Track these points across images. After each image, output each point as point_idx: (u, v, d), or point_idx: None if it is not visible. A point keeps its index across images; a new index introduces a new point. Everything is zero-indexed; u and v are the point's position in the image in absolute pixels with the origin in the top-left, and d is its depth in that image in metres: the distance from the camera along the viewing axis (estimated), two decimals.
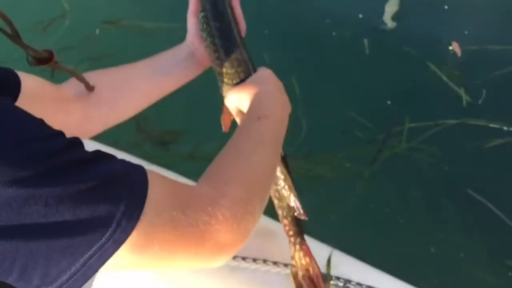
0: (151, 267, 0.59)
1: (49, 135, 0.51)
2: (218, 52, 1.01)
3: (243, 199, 0.65)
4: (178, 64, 1.04)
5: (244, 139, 0.78)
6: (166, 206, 0.56)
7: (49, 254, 0.49)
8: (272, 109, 0.85)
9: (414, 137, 1.95)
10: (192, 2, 1.04)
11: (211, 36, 1.02)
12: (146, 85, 1.03)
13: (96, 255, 0.50)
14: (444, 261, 1.74)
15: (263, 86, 0.90)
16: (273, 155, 0.80)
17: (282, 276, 0.98)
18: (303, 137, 1.90)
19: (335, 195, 1.82)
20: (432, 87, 2.14)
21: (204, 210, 0.59)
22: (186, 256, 0.59)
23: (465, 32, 2.28)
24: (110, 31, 2.05)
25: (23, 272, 0.49)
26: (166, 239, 0.55)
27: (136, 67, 1.05)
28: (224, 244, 0.61)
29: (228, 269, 0.99)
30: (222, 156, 0.74)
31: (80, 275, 0.50)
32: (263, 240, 1.05)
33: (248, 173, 0.71)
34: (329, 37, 2.23)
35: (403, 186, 1.88)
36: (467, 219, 1.82)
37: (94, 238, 0.50)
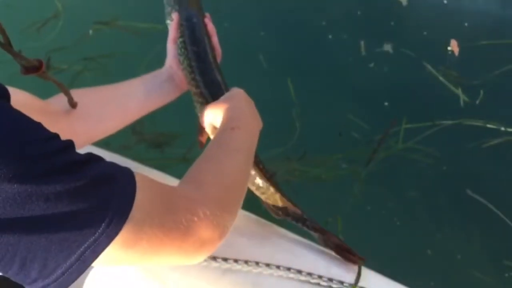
0: (140, 262, 0.64)
1: (48, 137, 0.55)
2: (194, 74, 1.12)
3: (220, 199, 0.73)
4: (158, 87, 1.16)
5: (219, 147, 0.86)
6: (153, 204, 0.61)
7: (47, 247, 0.52)
8: (244, 121, 0.94)
9: (411, 137, 1.95)
10: (172, 30, 1.18)
11: (188, 59, 1.13)
12: (129, 104, 1.13)
13: (90, 249, 0.54)
14: (441, 262, 1.74)
15: (235, 103, 0.99)
16: (246, 161, 0.89)
17: (275, 278, 0.98)
18: (298, 139, 1.90)
19: (331, 197, 1.81)
20: (429, 87, 2.14)
21: (187, 208, 0.66)
22: (171, 251, 0.65)
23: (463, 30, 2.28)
24: (104, 31, 2.05)
25: (23, 265, 0.52)
26: (153, 234, 0.60)
27: (121, 87, 1.15)
28: (204, 240, 0.67)
29: (220, 272, 0.99)
30: (200, 161, 0.82)
31: (75, 268, 0.54)
32: (255, 242, 1.05)
33: (224, 177, 0.79)
34: (325, 38, 2.23)
35: (400, 187, 1.89)
36: (465, 220, 1.82)
37: (89, 232, 0.54)
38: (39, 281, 0.54)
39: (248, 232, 1.06)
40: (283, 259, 1.00)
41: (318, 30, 2.26)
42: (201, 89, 1.12)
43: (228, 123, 0.92)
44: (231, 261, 0.98)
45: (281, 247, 1.04)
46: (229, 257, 0.99)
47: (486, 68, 2.16)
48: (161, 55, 1.97)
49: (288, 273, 0.97)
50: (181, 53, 1.15)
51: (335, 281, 0.95)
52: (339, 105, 2.04)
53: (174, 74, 1.17)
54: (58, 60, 1.89)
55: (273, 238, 1.07)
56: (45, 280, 0.54)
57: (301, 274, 0.97)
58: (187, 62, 1.13)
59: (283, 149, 1.87)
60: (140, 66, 1.97)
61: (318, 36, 2.25)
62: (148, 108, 1.18)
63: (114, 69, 1.94)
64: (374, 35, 2.25)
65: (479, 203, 1.82)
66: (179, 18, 1.19)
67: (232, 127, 0.91)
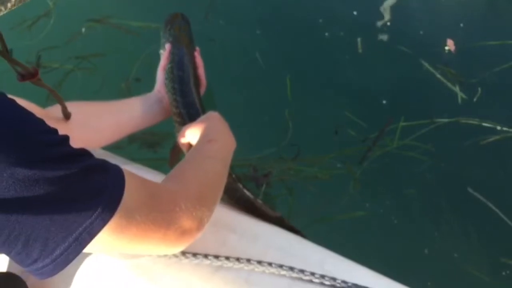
0: (128, 248, 0.71)
1: (50, 130, 0.64)
2: (176, 95, 1.29)
3: (199, 194, 0.84)
4: (148, 107, 1.34)
5: (198, 153, 1.01)
6: (140, 195, 0.70)
7: (49, 227, 0.58)
8: (220, 136, 1.09)
9: (408, 135, 1.96)
10: (163, 59, 1.38)
11: (172, 82, 1.32)
12: (123, 120, 1.30)
13: (86, 231, 0.61)
14: (438, 261, 1.75)
15: (211, 123, 1.13)
16: (222, 167, 1.01)
17: (267, 275, 0.99)
18: (291, 138, 1.91)
19: (327, 196, 1.82)
20: (427, 85, 2.15)
21: (170, 200, 0.76)
22: (156, 238, 0.73)
23: (460, 29, 2.30)
24: (96, 29, 2.06)
25: (26, 244, 0.58)
26: (142, 222, 0.69)
27: (116, 104, 1.33)
28: (185, 229, 0.77)
29: (212, 269, 0.99)
30: (181, 164, 0.95)
31: (72, 249, 0.61)
32: (247, 239, 1.05)
33: (202, 176, 0.91)
34: (321, 36, 2.25)
35: (397, 185, 1.89)
36: (462, 218, 1.83)
37: (86, 215, 0.61)
38: (39, 261, 0.60)
39: (239, 229, 1.07)
40: (275, 256, 1.00)
41: (315, 28, 2.27)
42: (180, 109, 1.29)
43: (205, 137, 1.07)
44: (223, 258, 0.99)
45: (273, 245, 1.05)
46: (220, 254, 1.00)
47: (484, 66, 2.18)
48: (154, 54, 2.00)
49: (280, 270, 0.98)
50: (167, 77, 1.34)
51: (327, 278, 0.96)
52: (336, 104, 2.05)
53: (162, 98, 1.35)
54: (50, 59, 1.90)
55: (264, 235, 1.08)
56: (44, 260, 0.60)
57: (293, 271, 0.97)
58: (171, 84, 1.32)
59: (276, 149, 1.88)
60: (133, 65, 1.99)
61: (315, 34, 2.26)
62: (139, 126, 1.34)
63: (106, 67, 1.95)
64: (371, 33, 2.27)
65: (477, 201, 1.83)
66: (170, 48, 1.38)
67: (209, 140, 1.05)
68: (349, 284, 0.95)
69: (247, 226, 1.09)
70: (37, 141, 0.59)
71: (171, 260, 1.00)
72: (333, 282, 0.96)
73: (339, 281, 0.96)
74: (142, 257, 1.01)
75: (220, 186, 0.97)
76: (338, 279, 0.96)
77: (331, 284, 0.96)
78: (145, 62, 1.99)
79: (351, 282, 0.95)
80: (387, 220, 1.84)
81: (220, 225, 1.07)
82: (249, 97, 2.03)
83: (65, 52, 1.92)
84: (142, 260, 1.01)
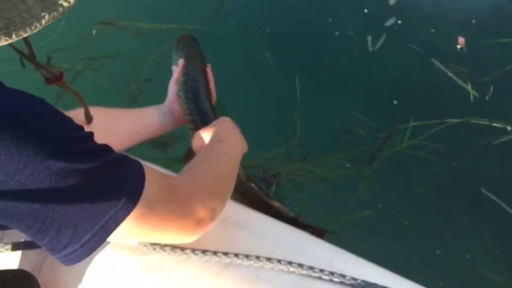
0: (148, 236, 0.78)
1: (78, 127, 0.68)
2: (189, 103, 1.42)
3: (212, 187, 0.90)
4: (162, 117, 1.44)
5: (209, 151, 1.08)
6: (159, 187, 0.75)
7: (80, 214, 0.64)
8: (230, 137, 1.16)
9: (418, 135, 1.96)
10: (176, 73, 1.51)
11: (186, 92, 1.44)
12: (138, 127, 1.40)
13: (112, 219, 0.67)
14: (450, 261, 1.75)
15: (222, 126, 1.20)
16: (232, 164, 1.08)
17: (276, 272, 0.99)
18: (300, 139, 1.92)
19: (337, 196, 1.82)
20: (438, 84, 2.15)
21: (186, 192, 0.82)
22: (174, 227, 0.79)
23: (472, 26, 2.29)
24: (107, 31, 2.08)
25: (58, 230, 0.64)
26: (162, 211, 0.74)
27: (132, 112, 1.44)
28: (200, 219, 0.82)
29: (221, 266, 1.01)
30: (194, 161, 1.01)
31: (99, 236, 0.66)
32: (256, 236, 1.06)
33: (214, 171, 0.97)
34: (331, 34, 2.25)
35: (408, 185, 1.89)
36: (474, 218, 1.82)
37: (112, 204, 0.66)
38: (69, 246, 0.66)
39: (248, 226, 1.08)
40: (284, 253, 1.01)
41: (325, 27, 2.28)
42: (194, 116, 1.41)
43: (216, 137, 1.14)
44: (232, 255, 1.00)
45: (282, 241, 1.06)
46: (230, 251, 1.01)
47: (496, 64, 2.17)
48: (163, 56, 2.02)
49: (290, 267, 0.99)
50: (181, 88, 1.46)
51: (336, 275, 0.97)
52: (345, 103, 2.05)
53: (174, 109, 1.46)
54: (61, 61, 1.93)
55: (274, 232, 1.09)
56: (74, 246, 0.66)
57: (303, 268, 0.98)
58: (185, 94, 1.44)
59: (285, 149, 1.89)
60: (143, 66, 2.01)
61: (325, 32, 2.27)
62: (153, 133, 1.44)
63: (116, 69, 1.97)
64: (381, 31, 2.27)
65: (489, 201, 1.82)
66: (184, 64, 1.51)
67: (219, 140, 1.12)
68: (359, 281, 0.96)
69: (256, 223, 1.11)
70: (69, 136, 0.65)
71: (181, 257, 1.02)
72: (342, 279, 0.96)
73: (348, 277, 0.96)
74: (153, 254, 1.03)
75: (231, 181, 1.03)
76: (347, 276, 0.97)
77: (341, 281, 0.97)
78: (155, 63, 2.02)
79: (360, 279, 0.96)
80: (397, 220, 1.84)
81: (229, 222, 1.08)
82: (258, 97, 2.04)
83: (76, 53, 1.95)
84: (153, 257, 1.03)
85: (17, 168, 0.58)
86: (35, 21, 0.61)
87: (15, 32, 0.59)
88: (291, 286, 0.98)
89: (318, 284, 0.98)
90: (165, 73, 1.99)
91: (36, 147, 0.59)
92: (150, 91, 1.97)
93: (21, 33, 0.60)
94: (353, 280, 0.96)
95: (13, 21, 0.59)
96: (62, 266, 1.08)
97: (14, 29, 0.59)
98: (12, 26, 0.59)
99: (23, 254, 1.10)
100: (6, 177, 0.58)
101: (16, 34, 0.59)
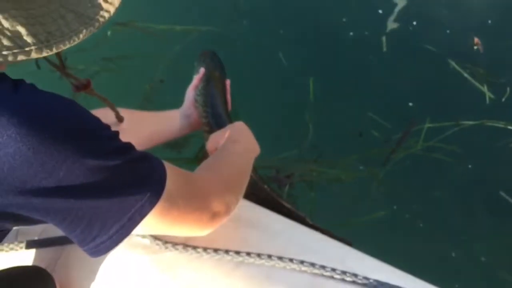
0: (169, 229, 0.81)
1: (106, 126, 0.72)
2: (206, 107, 1.49)
3: (226, 182, 0.95)
4: (178, 121, 1.50)
5: (223, 151, 1.13)
6: (179, 182, 0.79)
7: (109, 207, 0.68)
8: (243, 139, 1.21)
9: (433, 136, 1.95)
10: (196, 80, 1.56)
11: (204, 96, 1.51)
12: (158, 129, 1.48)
13: (137, 212, 0.71)
14: (466, 264, 1.74)
15: (236, 129, 1.25)
16: (245, 162, 1.13)
17: (288, 271, 1.00)
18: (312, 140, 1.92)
19: (351, 198, 1.83)
20: (454, 85, 2.14)
21: (203, 186, 0.87)
22: (192, 220, 0.83)
23: (488, 26, 2.28)
24: (122, 33, 2.10)
25: (89, 223, 0.68)
26: (182, 205, 0.79)
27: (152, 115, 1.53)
28: (215, 212, 0.87)
29: (233, 265, 1.01)
30: (209, 159, 1.08)
31: (125, 228, 0.71)
32: (268, 235, 1.07)
33: (228, 168, 1.03)
34: (345, 35, 2.25)
35: (422, 187, 1.89)
36: (490, 220, 1.81)
37: (138, 198, 0.70)
38: (98, 238, 0.70)
39: (260, 225, 1.09)
40: (296, 252, 1.01)
41: (339, 27, 2.28)
42: (209, 119, 1.48)
43: (230, 139, 1.19)
44: (244, 254, 1.00)
45: (294, 240, 1.07)
46: (241, 250, 1.01)
47: None
48: (178, 57, 2.03)
49: (301, 266, 0.99)
50: (199, 93, 1.53)
51: (348, 274, 0.97)
52: (359, 104, 2.05)
53: (191, 114, 1.51)
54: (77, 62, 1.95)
55: (285, 231, 1.10)
56: (102, 237, 0.70)
57: (315, 267, 0.98)
58: (203, 98, 1.51)
59: (298, 150, 1.89)
60: (157, 67, 2.03)
61: (339, 33, 2.27)
62: (171, 137, 1.52)
63: (131, 69, 2.00)
64: (396, 32, 2.26)
65: (506, 203, 1.81)
66: (204, 72, 1.58)
67: (233, 141, 1.18)
68: (371, 280, 0.96)
69: (268, 222, 1.11)
70: (100, 135, 0.69)
71: (193, 256, 1.02)
72: (354, 278, 0.96)
73: (360, 277, 0.96)
74: (165, 252, 1.04)
75: (244, 179, 1.07)
76: (359, 275, 0.97)
77: (353, 280, 0.97)
78: (169, 64, 2.03)
79: (372, 278, 0.96)
80: (412, 222, 1.83)
81: (241, 221, 1.09)
82: (272, 97, 2.05)
83: (91, 54, 1.97)
84: (165, 255, 1.04)
85: (55, 166, 0.62)
86: (74, 35, 0.66)
87: (55, 45, 0.64)
88: (302, 285, 0.98)
89: (330, 283, 0.98)
90: (179, 74, 2.01)
91: (73, 146, 0.63)
92: (164, 92, 1.99)
93: (61, 46, 0.64)
94: (365, 279, 0.96)
95: (53, 34, 0.64)
96: (76, 265, 1.10)
97: (55, 42, 0.64)
98: (53, 39, 0.64)
99: (37, 253, 1.12)
100: (45, 174, 0.62)
101: (56, 47, 0.64)
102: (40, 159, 0.61)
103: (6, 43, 0.60)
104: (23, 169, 0.61)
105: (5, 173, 0.61)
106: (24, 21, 0.62)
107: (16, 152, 0.60)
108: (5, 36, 0.60)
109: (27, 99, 0.64)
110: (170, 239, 1.05)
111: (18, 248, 1.09)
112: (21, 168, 0.61)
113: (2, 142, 0.60)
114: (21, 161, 0.61)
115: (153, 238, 1.04)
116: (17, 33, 0.61)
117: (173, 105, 1.76)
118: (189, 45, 2.10)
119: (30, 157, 0.61)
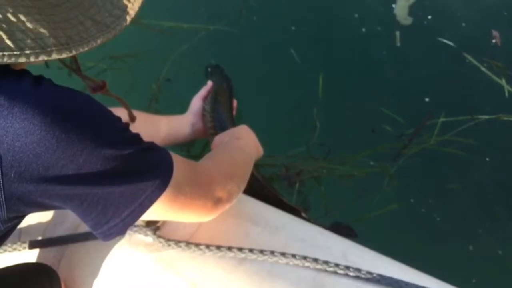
0: (175, 215, 0.88)
1: (119, 118, 0.77)
2: (213, 112, 1.64)
3: (229, 172, 1.02)
4: (183, 127, 1.65)
5: (226, 145, 1.24)
6: (185, 170, 0.86)
7: (122, 193, 0.74)
8: (246, 137, 1.31)
9: (448, 131, 1.94)
10: (204, 90, 1.74)
11: (213, 103, 1.67)
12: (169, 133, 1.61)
13: (148, 198, 0.77)
14: (483, 258, 1.73)
15: (239, 130, 1.36)
16: (247, 156, 1.21)
17: (291, 267, 1.01)
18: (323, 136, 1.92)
19: (362, 194, 1.83)
20: (470, 79, 2.12)
21: (207, 174, 0.94)
22: (197, 206, 0.90)
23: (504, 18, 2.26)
24: (129, 30, 2.11)
25: (103, 207, 0.74)
26: (188, 192, 0.86)
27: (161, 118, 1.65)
28: (218, 199, 0.94)
29: (235, 261, 1.02)
30: (212, 151, 1.18)
31: (136, 212, 0.77)
32: (270, 231, 1.08)
33: (231, 159, 1.11)
34: (358, 31, 2.25)
35: (438, 181, 1.88)
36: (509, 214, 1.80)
37: (148, 184, 0.77)
38: (111, 221, 0.76)
39: (262, 222, 1.10)
40: (299, 248, 1.02)
41: (351, 23, 2.28)
42: (215, 123, 1.62)
43: (233, 136, 1.29)
44: (246, 250, 1.02)
45: (296, 236, 1.07)
46: (244, 246, 1.03)
47: None
48: (185, 55, 2.05)
49: (304, 262, 0.99)
50: (209, 102, 1.68)
51: (352, 269, 0.97)
52: (372, 100, 2.04)
53: (195, 123, 1.66)
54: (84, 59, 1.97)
55: (287, 227, 1.11)
56: (115, 220, 0.76)
57: (317, 262, 0.99)
58: (212, 106, 1.66)
59: (306, 148, 1.90)
60: (164, 65, 2.05)
61: (351, 29, 2.27)
62: (178, 140, 1.66)
63: (138, 67, 2.01)
64: (410, 26, 2.25)
65: None
66: (213, 84, 1.76)
67: (236, 138, 1.28)
68: (374, 275, 0.96)
69: (270, 218, 1.12)
70: (115, 127, 0.75)
71: (196, 253, 1.04)
72: (357, 273, 0.97)
73: (364, 272, 0.97)
74: (168, 249, 1.05)
75: (246, 170, 1.15)
76: (363, 270, 0.97)
77: (356, 275, 0.97)
78: (175, 62, 2.05)
79: (376, 273, 0.96)
80: (429, 216, 1.83)
81: (243, 218, 1.10)
82: (282, 94, 2.05)
83: (99, 52, 1.99)
84: (168, 253, 1.05)
85: (76, 153, 0.68)
86: (91, 40, 0.72)
87: (74, 48, 0.70)
88: (306, 280, 0.99)
89: (333, 279, 0.98)
90: (185, 73, 2.03)
91: (92, 135, 0.69)
92: (170, 91, 2.01)
93: (79, 49, 0.71)
94: (368, 274, 0.96)
95: (72, 39, 0.70)
96: (79, 263, 1.12)
97: (73, 46, 0.70)
98: (72, 43, 0.70)
99: (41, 252, 1.15)
100: (66, 161, 0.68)
101: (75, 49, 0.70)
102: (62, 147, 0.67)
103: (30, 44, 0.66)
104: (47, 155, 0.66)
105: (30, 159, 0.66)
106: (47, 25, 0.68)
107: (41, 139, 0.66)
108: (29, 37, 0.66)
109: (50, 92, 0.70)
110: (173, 237, 1.07)
111: (21, 248, 1.12)
112: (45, 155, 0.66)
113: (28, 131, 0.65)
114: (46, 148, 0.66)
115: (156, 236, 1.06)
116: (40, 35, 0.67)
117: (179, 104, 1.79)
118: (196, 43, 2.11)
119: (53, 144, 0.66)
